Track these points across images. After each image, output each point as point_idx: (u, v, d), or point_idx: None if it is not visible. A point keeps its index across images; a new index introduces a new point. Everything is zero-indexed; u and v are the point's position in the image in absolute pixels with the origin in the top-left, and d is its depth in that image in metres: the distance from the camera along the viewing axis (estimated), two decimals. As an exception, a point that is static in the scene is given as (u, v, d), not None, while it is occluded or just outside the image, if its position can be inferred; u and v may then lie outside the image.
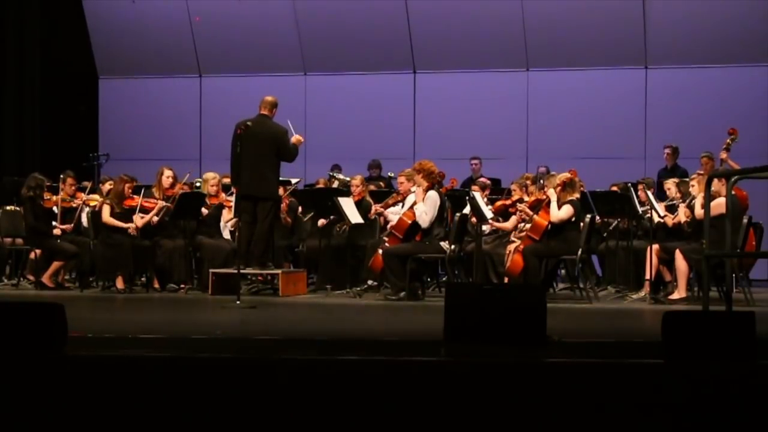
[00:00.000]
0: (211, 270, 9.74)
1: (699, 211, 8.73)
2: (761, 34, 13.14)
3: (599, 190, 10.26)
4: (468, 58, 13.92)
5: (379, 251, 9.48)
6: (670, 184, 10.08)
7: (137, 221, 10.08)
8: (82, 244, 10.43)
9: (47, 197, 10.47)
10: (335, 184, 11.05)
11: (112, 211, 10.12)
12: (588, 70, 13.66)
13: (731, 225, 7.30)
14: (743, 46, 13.17)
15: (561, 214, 9.03)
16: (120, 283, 10.01)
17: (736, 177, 7.02)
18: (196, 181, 11.08)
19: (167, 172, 10.44)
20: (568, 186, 9.09)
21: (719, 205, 8.24)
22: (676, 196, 9.85)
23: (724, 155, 9.86)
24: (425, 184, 9.47)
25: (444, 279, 10.32)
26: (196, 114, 14.73)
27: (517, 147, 13.77)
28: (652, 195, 9.78)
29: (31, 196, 10.33)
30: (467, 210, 9.72)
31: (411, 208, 9.53)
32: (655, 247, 9.19)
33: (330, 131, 13.98)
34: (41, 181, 10.49)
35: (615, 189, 10.53)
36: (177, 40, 14.61)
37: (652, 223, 9.41)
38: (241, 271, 9.10)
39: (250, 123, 9.13)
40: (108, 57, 14.86)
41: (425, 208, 9.38)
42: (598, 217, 9.84)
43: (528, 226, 9.35)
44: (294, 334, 6.43)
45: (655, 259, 9.15)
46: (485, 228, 9.93)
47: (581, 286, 9.54)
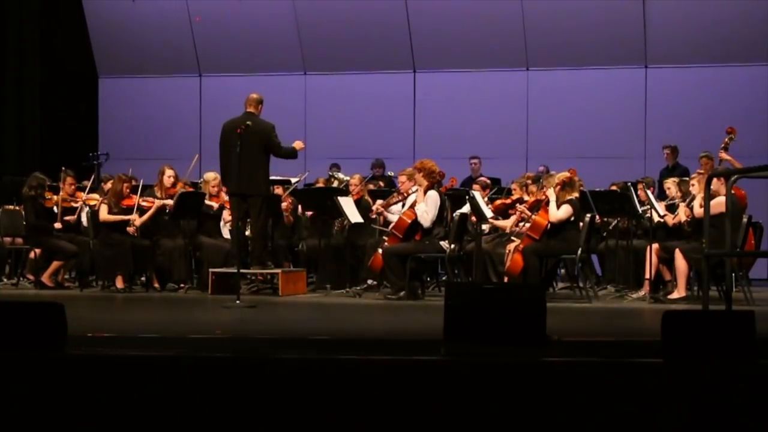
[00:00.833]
0: (211, 269, 9.75)
1: (698, 211, 8.73)
2: (761, 34, 13.14)
3: (599, 189, 10.26)
4: (468, 58, 13.92)
5: (379, 251, 9.48)
6: (670, 183, 10.07)
7: (135, 221, 10.07)
8: (82, 243, 10.42)
9: (48, 197, 10.48)
10: (335, 184, 11.04)
11: (109, 210, 10.12)
12: (588, 70, 13.67)
13: (731, 224, 7.30)
14: (743, 46, 13.18)
15: (559, 214, 9.02)
16: (120, 283, 10.01)
17: (736, 176, 7.02)
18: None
19: (168, 171, 10.44)
20: (567, 185, 9.09)
21: (719, 204, 8.25)
22: (676, 196, 9.85)
23: (723, 154, 9.85)
24: (426, 183, 9.46)
25: (444, 278, 10.33)
26: (196, 114, 14.73)
27: (517, 146, 13.77)
28: (651, 194, 9.78)
29: (32, 196, 10.33)
30: (467, 209, 9.71)
31: (411, 207, 9.53)
32: (655, 246, 9.19)
33: (330, 131, 13.99)
34: (43, 180, 10.50)
35: (615, 188, 10.53)
36: (177, 39, 14.62)
37: (652, 222, 9.41)
38: (241, 271, 9.10)
39: (250, 123, 9.14)
40: (108, 57, 14.87)
41: (426, 207, 9.38)
42: (597, 217, 9.84)
43: (527, 225, 9.35)
44: (294, 334, 6.43)
45: (654, 259, 9.15)
46: (485, 227, 9.93)
47: (581, 285, 9.53)
